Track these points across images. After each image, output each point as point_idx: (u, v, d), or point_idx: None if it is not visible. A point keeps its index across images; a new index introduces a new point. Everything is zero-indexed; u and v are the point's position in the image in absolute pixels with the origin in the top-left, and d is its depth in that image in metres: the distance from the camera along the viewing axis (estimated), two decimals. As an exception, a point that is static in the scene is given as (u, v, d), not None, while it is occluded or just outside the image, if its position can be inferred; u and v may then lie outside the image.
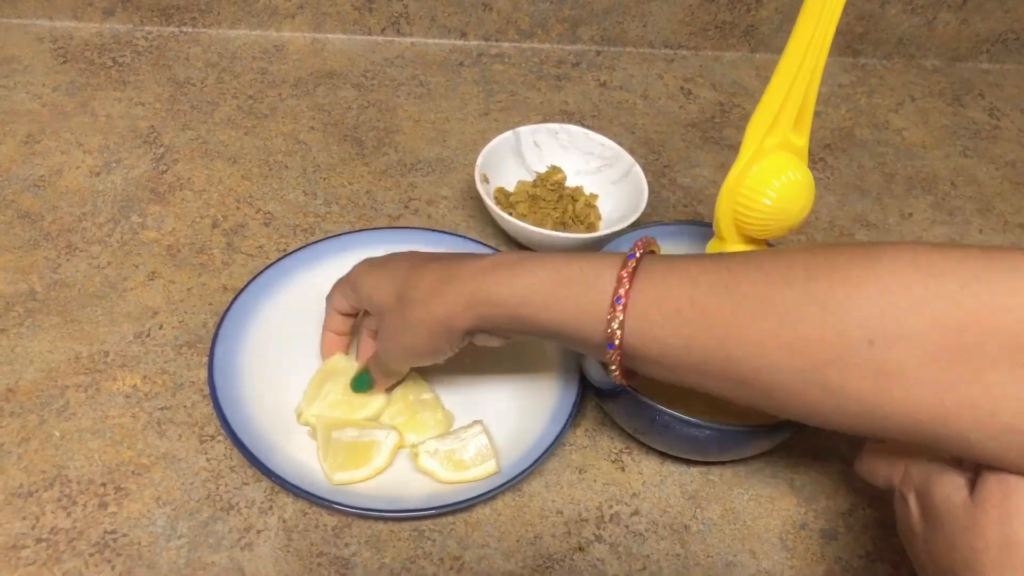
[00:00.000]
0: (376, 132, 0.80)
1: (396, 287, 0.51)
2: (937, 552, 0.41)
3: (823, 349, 0.39)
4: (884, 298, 0.38)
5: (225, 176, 0.74)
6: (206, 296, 0.64)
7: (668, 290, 0.43)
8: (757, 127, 0.52)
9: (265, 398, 0.57)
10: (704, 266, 0.43)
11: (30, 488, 0.52)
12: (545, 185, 0.73)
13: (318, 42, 0.89)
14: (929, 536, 0.42)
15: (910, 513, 0.44)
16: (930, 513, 0.42)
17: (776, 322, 0.40)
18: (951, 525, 0.40)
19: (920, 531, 0.43)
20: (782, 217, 0.53)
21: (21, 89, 0.79)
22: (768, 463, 0.59)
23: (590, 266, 0.45)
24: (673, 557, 0.53)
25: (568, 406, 0.57)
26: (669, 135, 0.85)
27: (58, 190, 0.70)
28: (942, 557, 0.41)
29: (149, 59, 0.84)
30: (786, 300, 0.40)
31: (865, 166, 0.85)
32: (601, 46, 0.94)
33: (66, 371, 0.58)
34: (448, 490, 0.53)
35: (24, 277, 0.63)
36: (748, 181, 0.52)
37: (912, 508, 0.44)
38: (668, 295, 0.43)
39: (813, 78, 0.50)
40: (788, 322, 0.40)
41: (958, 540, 0.40)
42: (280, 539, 0.51)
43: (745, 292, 0.41)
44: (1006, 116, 0.94)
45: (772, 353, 0.40)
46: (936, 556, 0.42)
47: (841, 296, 0.39)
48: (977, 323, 0.37)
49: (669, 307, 0.43)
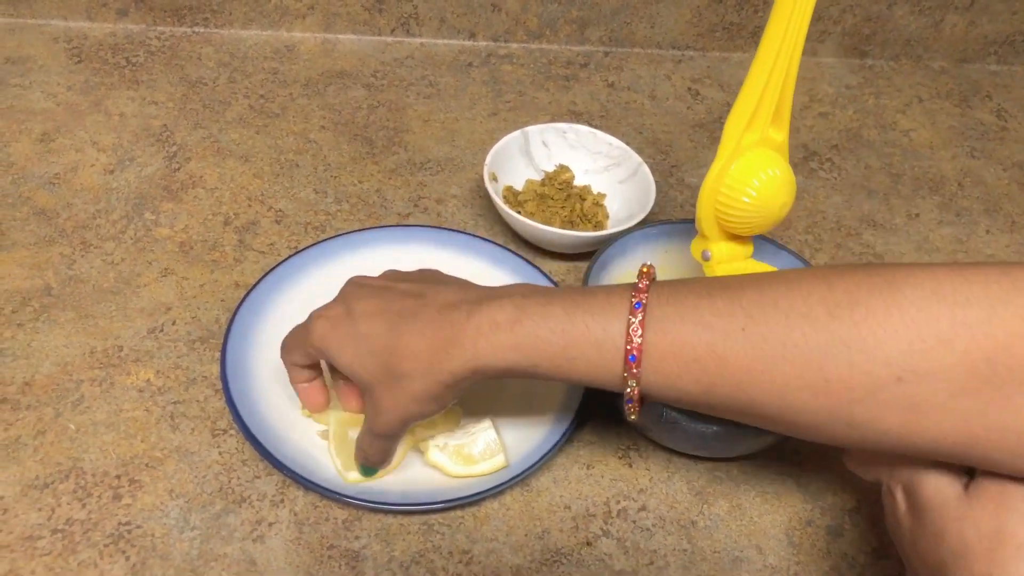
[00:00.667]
0: (386, 131, 0.81)
1: (380, 360, 0.47)
2: (925, 544, 0.42)
3: (850, 389, 0.39)
4: (911, 333, 0.37)
5: (237, 174, 0.74)
6: (218, 292, 0.65)
7: (683, 339, 0.42)
8: (735, 124, 0.52)
9: (276, 393, 0.57)
10: (716, 306, 0.42)
11: (46, 480, 0.53)
12: (553, 184, 0.73)
13: (328, 42, 0.90)
14: (916, 529, 0.43)
15: (897, 507, 0.44)
16: (918, 506, 0.43)
17: (800, 365, 0.39)
18: (942, 517, 0.41)
19: (907, 524, 0.43)
20: (763, 213, 0.53)
21: (36, 88, 0.80)
22: (774, 460, 0.59)
23: (595, 320, 0.44)
24: (680, 552, 0.54)
25: (575, 403, 0.58)
26: (677, 135, 0.85)
27: (73, 187, 0.71)
28: (929, 549, 0.41)
29: (162, 59, 0.85)
30: (808, 342, 0.39)
31: (872, 167, 0.85)
32: (609, 47, 0.95)
33: (81, 365, 0.59)
34: (457, 484, 0.54)
35: (40, 273, 0.64)
36: (728, 179, 0.52)
37: (899, 502, 0.44)
38: (683, 344, 0.42)
39: (789, 73, 0.51)
40: (812, 365, 0.39)
41: (949, 530, 0.40)
42: (291, 532, 0.52)
43: (764, 335, 0.40)
44: (1013, 117, 0.94)
45: (796, 394, 0.40)
46: (923, 548, 0.42)
47: (866, 334, 0.38)
48: (1007, 351, 0.36)
49: (687, 357, 0.42)
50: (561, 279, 0.69)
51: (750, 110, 0.51)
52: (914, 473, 0.43)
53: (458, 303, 0.47)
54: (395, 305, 0.48)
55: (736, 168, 0.52)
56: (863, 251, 0.76)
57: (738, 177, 0.52)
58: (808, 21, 0.49)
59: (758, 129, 0.52)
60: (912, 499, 0.43)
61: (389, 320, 0.47)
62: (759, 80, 0.51)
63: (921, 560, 0.42)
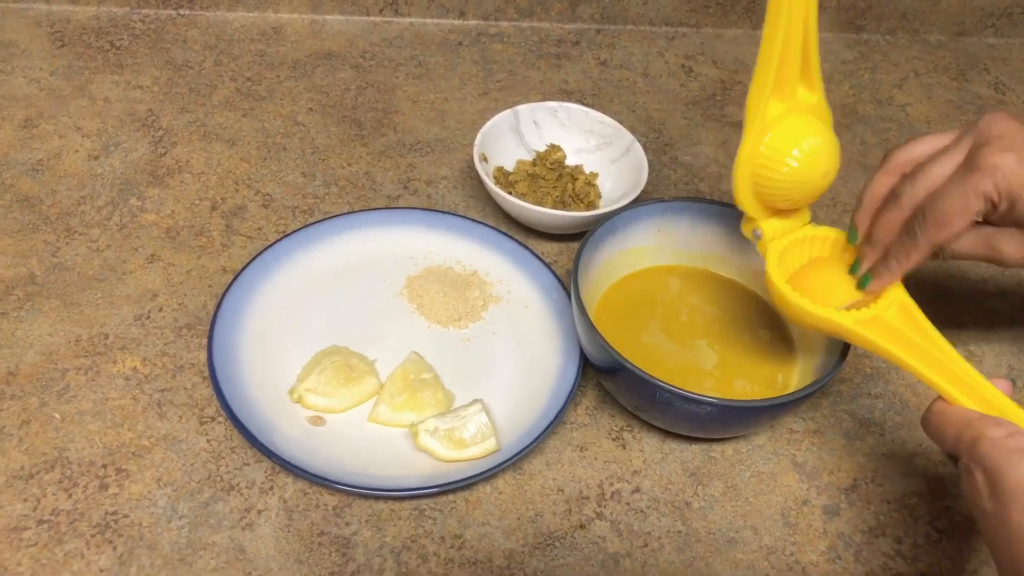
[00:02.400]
0: (375, 113, 0.80)
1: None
2: (1012, 532, 0.40)
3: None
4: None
5: (224, 158, 0.73)
6: (205, 278, 0.64)
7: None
8: (759, 91, 0.49)
9: (265, 379, 0.57)
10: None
11: (31, 470, 0.52)
12: (544, 164, 0.72)
13: (316, 23, 0.89)
14: (1000, 515, 0.41)
15: (978, 490, 0.42)
16: (1002, 492, 0.41)
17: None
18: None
19: (990, 509, 0.41)
20: (805, 184, 0.50)
21: (19, 73, 0.79)
22: (770, 440, 0.58)
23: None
24: (674, 534, 0.53)
25: (568, 384, 0.57)
26: (670, 113, 0.84)
27: (56, 174, 0.70)
28: (1014, 538, 0.40)
29: (146, 42, 0.84)
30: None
31: (868, 142, 0.84)
32: (601, 24, 0.93)
33: (66, 354, 0.58)
34: (448, 469, 0.53)
35: (24, 261, 0.63)
36: (762, 157, 0.49)
37: (980, 485, 0.42)
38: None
39: (809, 23, 0.46)
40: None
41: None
42: (281, 519, 0.51)
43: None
44: (1011, 90, 0.93)
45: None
46: (1010, 536, 0.40)
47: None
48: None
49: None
50: (553, 260, 0.68)
51: (771, 73, 0.47)
52: (998, 458, 0.41)
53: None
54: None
55: (770, 140, 0.49)
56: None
57: (774, 150, 0.49)
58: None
59: (787, 93, 0.48)
60: (994, 486, 0.41)
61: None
62: (775, 37, 0.46)
63: (1008, 545, 0.40)
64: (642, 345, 0.59)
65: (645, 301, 0.63)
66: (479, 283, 0.65)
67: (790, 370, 0.59)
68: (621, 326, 0.60)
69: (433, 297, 0.63)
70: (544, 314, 0.63)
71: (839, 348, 0.54)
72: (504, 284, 0.65)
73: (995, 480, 0.41)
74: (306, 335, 0.60)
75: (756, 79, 0.49)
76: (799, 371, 0.59)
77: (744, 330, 0.61)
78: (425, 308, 0.63)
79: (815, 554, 0.53)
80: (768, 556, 0.53)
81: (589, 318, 0.53)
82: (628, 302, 0.62)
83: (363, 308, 0.63)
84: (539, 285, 0.64)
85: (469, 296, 0.64)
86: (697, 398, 0.50)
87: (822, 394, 0.61)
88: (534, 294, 0.64)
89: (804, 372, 0.58)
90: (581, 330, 0.56)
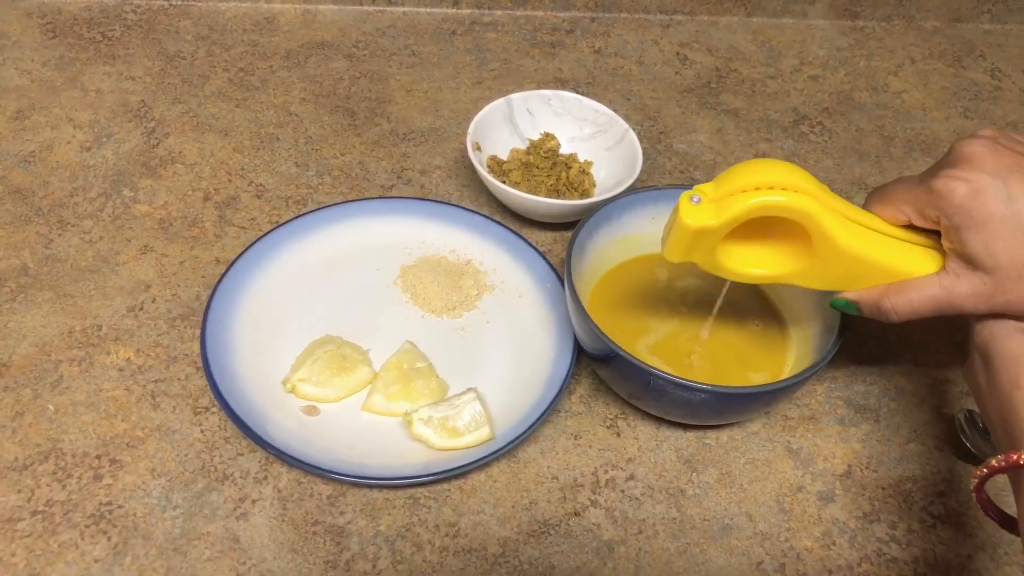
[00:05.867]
0: (368, 102, 0.79)
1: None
2: (999, 395, 0.44)
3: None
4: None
5: (217, 149, 0.73)
6: (199, 269, 0.64)
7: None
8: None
9: (258, 369, 0.57)
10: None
11: (25, 461, 0.52)
12: (538, 152, 0.72)
13: (309, 13, 0.88)
14: (992, 382, 0.45)
15: (976, 369, 0.47)
16: (992, 359, 0.45)
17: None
18: (1018, 365, 0.44)
19: (982, 381, 0.46)
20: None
21: (10, 65, 0.78)
22: (764, 427, 0.58)
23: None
24: (669, 521, 0.53)
25: (562, 372, 0.57)
26: (665, 101, 0.84)
27: (49, 165, 0.70)
28: (1003, 399, 0.44)
29: (139, 32, 0.83)
30: None
31: (864, 129, 0.84)
32: (595, 12, 0.93)
33: (59, 345, 0.58)
34: (443, 457, 0.53)
35: (16, 252, 0.63)
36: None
37: (976, 362, 0.47)
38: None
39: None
40: None
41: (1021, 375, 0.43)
42: (275, 509, 0.51)
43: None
44: (1007, 77, 0.93)
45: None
46: (997, 399, 0.44)
47: None
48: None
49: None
50: (548, 249, 0.68)
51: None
52: (988, 332, 0.45)
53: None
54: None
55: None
56: (854, 215, 0.75)
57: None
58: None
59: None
60: (987, 359, 0.45)
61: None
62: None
63: (998, 410, 0.44)
64: (636, 333, 0.59)
65: (639, 289, 0.62)
66: (473, 272, 0.65)
67: (784, 356, 0.59)
68: (615, 314, 0.60)
69: (427, 286, 0.63)
70: (538, 303, 0.63)
71: (834, 334, 0.54)
72: (498, 273, 0.65)
73: (986, 353, 0.46)
74: (300, 325, 0.60)
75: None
76: (793, 357, 0.59)
77: (738, 317, 0.61)
78: (419, 297, 0.63)
79: (810, 540, 0.53)
80: (763, 542, 0.53)
81: (583, 306, 0.53)
82: (622, 290, 0.62)
83: (357, 298, 0.62)
84: (533, 274, 0.64)
85: (463, 285, 0.64)
86: (691, 385, 0.50)
87: (816, 380, 0.61)
88: (528, 283, 0.64)
89: (798, 358, 0.58)
90: (575, 318, 0.55)
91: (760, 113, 0.84)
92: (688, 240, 0.48)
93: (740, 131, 0.81)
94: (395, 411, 0.56)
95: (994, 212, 0.43)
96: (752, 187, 0.47)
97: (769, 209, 0.47)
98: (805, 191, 0.47)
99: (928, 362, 0.64)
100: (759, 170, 0.48)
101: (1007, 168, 0.44)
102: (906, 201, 0.48)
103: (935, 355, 0.64)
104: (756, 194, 0.47)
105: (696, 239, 0.48)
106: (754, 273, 0.51)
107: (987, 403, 0.46)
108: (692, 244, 0.49)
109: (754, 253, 0.51)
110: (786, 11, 0.95)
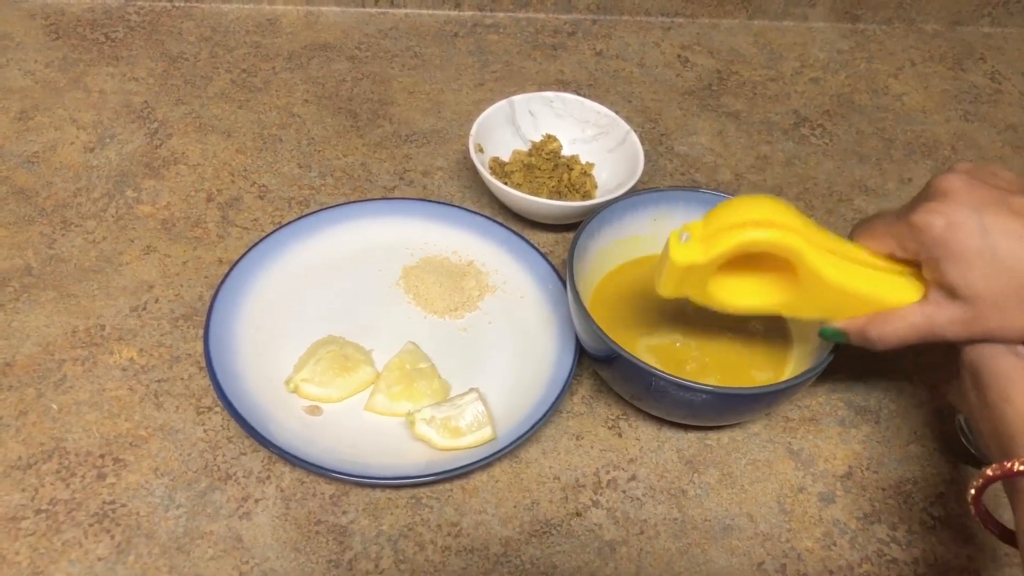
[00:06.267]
0: (370, 104, 0.80)
1: (1016, 285, 0.44)
2: (990, 412, 0.45)
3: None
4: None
5: (219, 150, 0.73)
6: (201, 269, 0.64)
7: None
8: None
9: (261, 369, 0.57)
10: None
11: (29, 460, 0.52)
12: (540, 154, 0.72)
13: (311, 15, 0.89)
14: (981, 399, 0.46)
15: (966, 388, 0.48)
16: (981, 377, 0.46)
17: None
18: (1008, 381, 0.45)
19: (973, 399, 0.47)
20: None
21: (14, 66, 0.78)
22: (765, 428, 0.59)
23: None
24: (670, 521, 0.53)
25: (564, 373, 0.57)
26: (666, 103, 0.84)
27: (52, 166, 0.70)
28: (995, 416, 0.44)
29: (142, 34, 0.84)
30: None
31: (864, 132, 0.84)
32: (597, 15, 0.93)
33: (63, 345, 0.58)
34: (445, 457, 0.53)
35: (20, 252, 0.63)
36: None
37: (966, 380, 0.47)
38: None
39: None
40: None
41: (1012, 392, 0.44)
42: (278, 508, 0.52)
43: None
44: (1007, 80, 0.93)
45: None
46: (989, 416, 0.45)
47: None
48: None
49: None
50: (549, 250, 0.68)
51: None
52: (976, 352, 0.46)
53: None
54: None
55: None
56: (855, 217, 0.75)
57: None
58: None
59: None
60: (976, 376, 0.46)
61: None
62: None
63: (989, 424, 0.45)
64: (637, 334, 0.60)
65: (641, 290, 0.63)
66: (475, 273, 0.65)
67: (785, 358, 0.59)
68: (617, 315, 0.60)
69: (429, 287, 0.63)
70: (540, 304, 0.63)
71: (834, 336, 0.54)
72: (500, 274, 0.65)
73: (976, 371, 0.46)
74: (302, 325, 0.60)
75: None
76: (794, 359, 0.59)
77: (739, 318, 0.61)
78: (421, 298, 0.63)
79: (810, 541, 0.53)
80: (764, 543, 0.53)
81: (585, 307, 0.54)
82: (624, 291, 0.62)
83: (359, 298, 0.63)
84: (535, 275, 0.64)
85: (465, 286, 0.64)
86: (692, 386, 0.50)
87: (817, 382, 0.62)
88: (530, 284, 0.64)
89: (799, 360, 0.58)
90: (577, 319, 0.56)
91: (761, 115, 0.84)
92: (679, 276, 0.50)
93: (741, 133, 0.81)
94: (397, 411, 0.56)
95: (970, 244, 0.44)
96: (739, 224, 0.48)
97: (755, 245, 0.48)
98: (790, 227, 0.48)
99: (928, 364, 0.64)
100: (746, 207, 0.49)
101: (983, 201, 0.45)
102: (887, 234, 0.49)
103: (935, 357, 0.64)
104: (743, 231, 0.48)
105: (686, 275, 0.50)
106: (745, 305, 0.52)
107: (979, 419, 0.47)
108: (683, 280, 0.50)
109: (745, 285, 0.52)
110: (787, 14, 0.96)
